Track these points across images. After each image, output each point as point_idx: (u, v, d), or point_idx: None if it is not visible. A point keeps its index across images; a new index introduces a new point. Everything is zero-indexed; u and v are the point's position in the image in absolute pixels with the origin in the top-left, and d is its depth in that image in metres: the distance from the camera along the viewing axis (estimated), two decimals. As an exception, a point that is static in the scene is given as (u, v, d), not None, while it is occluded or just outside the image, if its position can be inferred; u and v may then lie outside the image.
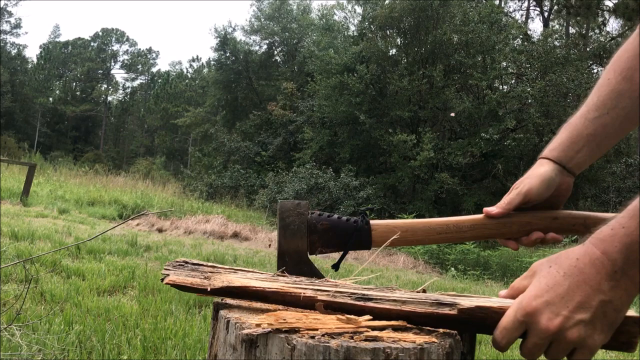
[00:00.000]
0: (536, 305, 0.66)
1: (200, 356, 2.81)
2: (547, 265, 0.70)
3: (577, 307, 0.65)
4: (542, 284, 0.68)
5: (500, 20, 18.30)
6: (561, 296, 0.66)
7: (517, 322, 0.67)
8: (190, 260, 0.82)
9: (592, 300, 0.65)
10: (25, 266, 3.56)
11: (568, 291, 0.66)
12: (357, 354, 0.60)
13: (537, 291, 0.67)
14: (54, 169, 21.03)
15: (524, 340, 0.68)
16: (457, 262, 9.64)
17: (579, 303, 0.65)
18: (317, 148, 19.48)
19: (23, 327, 2.72)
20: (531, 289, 0.68)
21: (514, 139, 15.69)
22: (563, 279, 0.66)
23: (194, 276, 0.78)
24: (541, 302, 0.66)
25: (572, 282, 0.66)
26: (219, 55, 29.75)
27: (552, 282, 0.67)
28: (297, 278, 0.81)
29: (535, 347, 0.67)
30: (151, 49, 63.16)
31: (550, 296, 0.66)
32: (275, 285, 0.76)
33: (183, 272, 0.79)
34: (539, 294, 0.67)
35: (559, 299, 0.66)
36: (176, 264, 0.81)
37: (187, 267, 0.81)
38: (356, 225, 0.99)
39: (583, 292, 0.65)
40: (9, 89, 44.29)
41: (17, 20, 50.71)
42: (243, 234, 10.28)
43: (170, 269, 0.80)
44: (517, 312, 0.67)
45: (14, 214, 8.23)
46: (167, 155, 44.38)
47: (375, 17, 19.28)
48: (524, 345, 0.68)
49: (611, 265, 0.64)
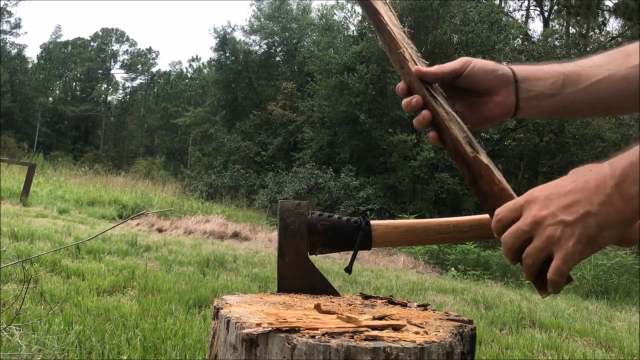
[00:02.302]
0: (537, 196, 0.72)
1: (200, 356, 2.81)
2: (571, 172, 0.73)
3: (564, 208, 0.69)
4: (552, 183, 0.73)
5: (500, 20, 18.30)
6: (558, 195, 0.70)
7: (518, 205, 0.73)
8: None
9: (579, 206, 0.68)
10: (25, 266, 3.56)
11: (566, 193, 0.70)
12: (358, 353, 0.60)
13: (545, 187, 0.73)
14: (54, 169, 21.03)
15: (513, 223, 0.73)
16: (457, 262, 9.63)
17: (567, 205, 0.69)
18: (317, 148, 19.47)
19: (23, 327, 2.72)
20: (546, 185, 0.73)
21: (514, 138, 15.69)
22: (570, 183, 0.70)
23: None
24: (541, 194, 0.71)
25: (573, 187, 0.70)
26: (219, 55, 29.75)
27: (561, 183, 0.71)
28: None
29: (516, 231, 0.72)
30: (151, 49, 63.19)
31: (550, 192, 0.71)
32: None
33: None
34: (544, 188, 0.72)
35: (555, 197, 0.70)
36: None
37: None
38: (358, 225, 0.99)
39: (576, 197, 0.69)
40: (9, 89, 44.26)
41: (17, 20, 50.67)
42: (243, 234, 10.28)
43: None
44: (521, 197, 0.73)
45: (13, 214, 8.23)
46: (167, 155, 44.36)
47: (375, 17, 19.24)
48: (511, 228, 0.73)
49: (610, 180, 0.67)
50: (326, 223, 0.99)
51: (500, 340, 3.77)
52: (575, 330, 4.29)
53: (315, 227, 0.98)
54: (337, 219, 1.00)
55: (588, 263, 8.27)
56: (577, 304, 5.88)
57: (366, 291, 2.07)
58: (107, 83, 60.95)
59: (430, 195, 16.08)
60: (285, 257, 0.97)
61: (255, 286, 4.97)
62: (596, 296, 7.18)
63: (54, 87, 57.51)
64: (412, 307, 0.92)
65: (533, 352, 3.57)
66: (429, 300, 4.54)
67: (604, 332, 4.36)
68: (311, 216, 0.98)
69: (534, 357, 3.49)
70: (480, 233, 1.01)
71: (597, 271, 8.01)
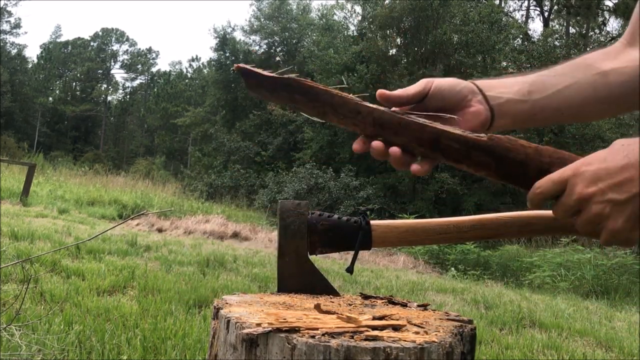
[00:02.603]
0: (584, 170, 0.68)
1: (200, 356, 2.81)
2: (620, 144, 0.70)
3: (614, 185, 0.65)
4: (601, 155, 0.69)
5: (500, 20, 18.30)
6: (609, 171, 0.66)
7: (563, 178, 0.69)
8: None
9: (632, 185, 0.65)
10: (25, 266, 3.56)
11: (617, 169, 0.66)
12: (358, 353, 0.60)
13: (593, 159, 0.69)
14: (54, 169, 21.03)
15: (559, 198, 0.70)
16: (457, 262, 9.63)
17: (619, 182, 0.65)
18: (317, 148, 19.47)
19: (22, 327, 2.72)
20: (591, 157, 0.70)
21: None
22: (621, 159, 0.67)
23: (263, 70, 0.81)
24: (589, 169, 0.67)
25: (626, 163, 0.66)
26: (219, 55, 29.76)
27: (611, 157, 0.68)
28: None
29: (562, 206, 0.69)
30: (151, 49, 63.22)
31: (600, 167, 0.67)
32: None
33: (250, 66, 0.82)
34: (592, 162, 0.68)
35: (604, 173, 0.66)
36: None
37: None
38: (358, 225, 0.99)
39: (630, 174, 0.65)
40: (8, 89, 44.27)
41: (17, 20, 50.71)
42: (243, 234, 10.28)
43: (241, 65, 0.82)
44: (567, 170, 0.69)
45: (13, 214, 8.23)
46: (167, 155, 44.37)
47: (375, 17, 19.28)
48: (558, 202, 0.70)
49: None
50: (326, 223, 0.99)
51: (500, 340, 3.77)
52: (575, 330, 4.29)
53: (315, 227, 0.98)
54: (337, 219, 1.00)
55: (588, 263, 8.27)
56: (577, 304, 5.88)
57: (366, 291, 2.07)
58: (107, 83, 60.97)
59: (430, 195, 16.08)
60: (285, 257, 0.97)
61: (255, 286, 4.97)
62: (596, 296, 7.18)
63: (54, 87, 57.52)
64: (412, 307, 0.92)
65: (533, 352, 3.57)
66: (429, 300, 4.54)
67: (604, 332, 4.36)
68: (311, 216, 0.98)
69: (534, 357, 3.49)
70: (480, 233, 1.01)
71: (597, 271, 8.01)
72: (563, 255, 8.94)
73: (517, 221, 1.00)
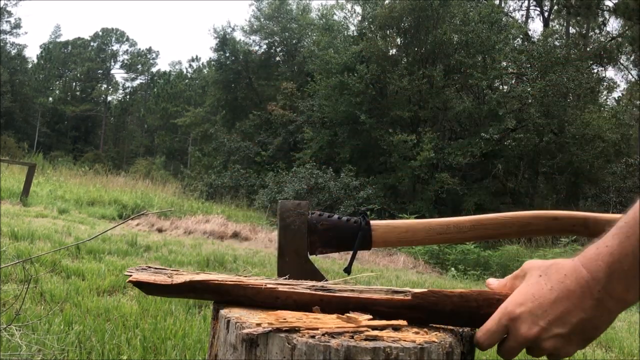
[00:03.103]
0: (519, 313, 0.69)
1: (200, 356, 2.81)
2: (537, 274, 0.71)
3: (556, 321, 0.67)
4: (528, 293, 0.70)
5: (500, 20, 18.30)
6: (544, 308, 0.68)
7: (501, 326, 0.70)
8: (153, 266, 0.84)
9: (572, 316, 0.67)
10: (25, 266, 3.56)
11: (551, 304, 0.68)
12: (358, 353, 0.60)
13: (522, 299, 0.70)
14: (54, 169, 21.03)
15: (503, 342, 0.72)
16: (457, 262, 9.64)
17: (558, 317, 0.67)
18: (317, 148, 19.47)
19: (23, 327, 2.72)
20: (517, 296, 0.71)
21: (514, 139, 15.69)
22: (549, 292, 0.68)
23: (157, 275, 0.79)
24: (524, 310, 0.69)
25: (557, 296, 0.68)
26: (219, 56, 29.75)
27: (539, 293, 0.69)
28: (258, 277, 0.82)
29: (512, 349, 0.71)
30: (151, 49, 63.17)
31: (533, 306, 0.69)
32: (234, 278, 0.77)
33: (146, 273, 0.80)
34: (524, 302, 0.69)
35: (541, 311, 0.68)
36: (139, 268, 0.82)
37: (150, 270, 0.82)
38: (358, 225, 0.99)
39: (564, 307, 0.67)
40: (8, 89, 44.26)
41: (17, 20, 50.66)
42: (243, 234, 10.28)
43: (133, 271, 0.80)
44: (502, 317, 0.70)
45: (13, 214, 8.23)
46: (167, 155, 44.37)
47: (375, 16, 19.27)
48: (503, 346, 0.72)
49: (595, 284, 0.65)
50: (326, 223, 0.99)
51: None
52: (575, 330, 4.28)
53: (315, 227, 0.98)
54: (337, 219, 1.00)
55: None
56: (577, 304, 5.87)
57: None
58: (107, 83, 60.95)
59: (430, 195, 16.08)
60: (285, 257, 0.97)
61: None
62: (596, 296, 7.17)
63: (54, 87, 57.50)
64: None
65: (533, 352, 3.56)
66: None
67: (604, 332, 4.36)
68: (311, 216, 0.98)
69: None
70: (480, 233, 1.01)
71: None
72: (563, 255, 8.88)
73: (517, 221, 1.00)
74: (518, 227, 1.00)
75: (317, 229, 0.98)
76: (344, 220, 1.00)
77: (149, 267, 0.82)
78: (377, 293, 0.76)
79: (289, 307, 0.75)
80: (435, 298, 0.73)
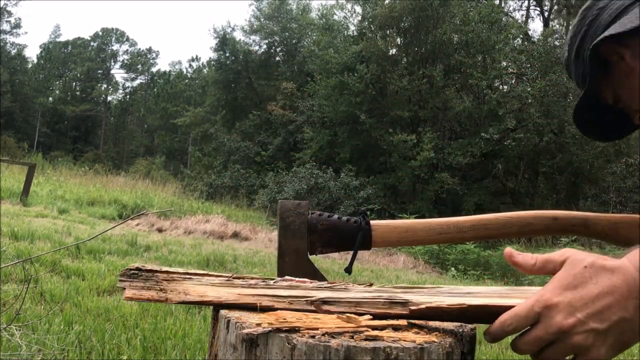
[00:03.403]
0: (557, 301, 0.65)
1: (200, 356, 2.81)
2: (582, 265, 0.68)
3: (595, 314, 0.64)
4: (570, 283, 0.67)
5: (500, 20, 18.30)
6: (584, 301, 0.65)
7: (533, 312, 0.67)
8: (143, 267, 0.78)
9: (612, 313, 0.64)
10: (25, 266, 3.56)
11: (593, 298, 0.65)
12: (358, 353, 0.60)
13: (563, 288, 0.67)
14: (54, 169, 21.03)
15: (527, 332, 0.68)
16: (457, 262, 9.64)
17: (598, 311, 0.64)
18: (317, 148, 19.48)
19: (23, 327, 2.72)
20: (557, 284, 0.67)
21: (514, 138, 15.69)
22: (593, 286, 0.65)
23: (150, 288, 0.75)
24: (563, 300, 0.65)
25: (600, 291, 0.65)
26: (219, 55, 29.77)
27: (582, 285, 0.66)
28: (252, 281, 0.79)
29: (537, 340, 0.67)
30: (151, 49, 63.21)
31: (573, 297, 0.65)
32: (231, 295, 0.75)
33: (139, 283, 0.76)
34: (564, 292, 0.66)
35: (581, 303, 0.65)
36: (130, 273, 0.77)
37: (141, 275, 0.76)
38: (358, 225, 0.99)
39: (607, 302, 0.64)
40: (8, 89, 44.26)
41: (17, 20, 50.68)
42: (243, 234, 10.28)
43: (125, 279, 0.76)
44: (536, 304, 0.67)
45: (13, 214, 8.23)
46: (167, 155, 44.38)
47: (375, 16, 19.28)
48: (527, 336, 0.68)
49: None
50: (326, 223, 0.99)
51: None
52: (575, 330, 4.28)
53: (315, 227, 0.98)
54: (337, 219, 1.00)
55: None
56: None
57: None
58: (107, 83, 60.96)
59: (430, 195, 16.08)
60: (285, 257, 0.97)
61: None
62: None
63: (53, 87, 57.52)
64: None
65: (533, 352, 3.56)
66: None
67: (604, 332, 4.35)
68: (311, 216, 0.98)
69: (534, 357, 3.48)
70: (480, 233, 1.01)
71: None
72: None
73: (517, 221, 1.00)
74: (518, 227, 1.00)
75: (317, 229, 0.98)
76: (344, 220, 1.00)
77: (139, 269, 0.77)
78: (374, 306, 0.74)
79: None
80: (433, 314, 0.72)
